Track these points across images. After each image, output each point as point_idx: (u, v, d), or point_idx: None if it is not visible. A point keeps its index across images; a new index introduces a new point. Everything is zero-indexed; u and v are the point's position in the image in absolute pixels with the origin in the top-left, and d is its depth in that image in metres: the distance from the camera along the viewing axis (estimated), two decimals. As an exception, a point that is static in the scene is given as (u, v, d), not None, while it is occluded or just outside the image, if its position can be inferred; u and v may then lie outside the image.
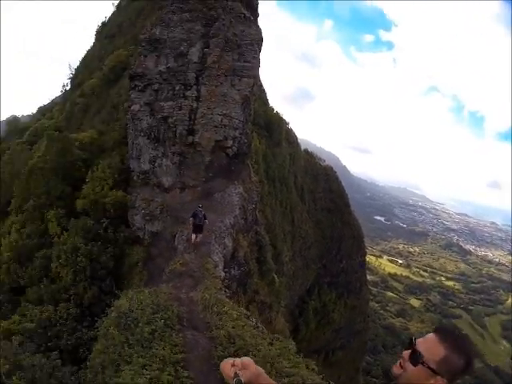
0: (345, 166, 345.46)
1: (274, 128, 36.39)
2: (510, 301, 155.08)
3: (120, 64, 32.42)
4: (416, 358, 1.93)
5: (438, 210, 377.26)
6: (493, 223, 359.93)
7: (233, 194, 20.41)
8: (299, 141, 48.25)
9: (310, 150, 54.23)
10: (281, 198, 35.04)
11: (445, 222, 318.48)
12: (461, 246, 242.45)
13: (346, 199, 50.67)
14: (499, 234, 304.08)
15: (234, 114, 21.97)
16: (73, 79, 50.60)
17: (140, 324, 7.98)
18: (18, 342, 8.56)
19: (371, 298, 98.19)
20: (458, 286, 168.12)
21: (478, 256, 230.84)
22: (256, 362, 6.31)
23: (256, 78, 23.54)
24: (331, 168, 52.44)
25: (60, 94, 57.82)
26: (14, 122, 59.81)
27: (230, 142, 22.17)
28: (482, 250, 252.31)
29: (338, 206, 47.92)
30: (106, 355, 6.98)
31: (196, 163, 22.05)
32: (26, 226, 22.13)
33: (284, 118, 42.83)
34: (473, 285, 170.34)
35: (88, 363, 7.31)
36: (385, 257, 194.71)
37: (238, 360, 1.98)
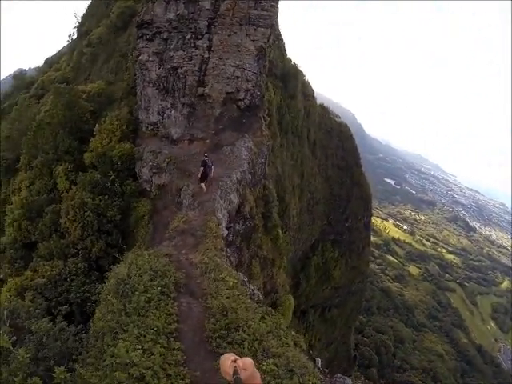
0: (360, 125, 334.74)
1: (290, 80, 34.90)
2: (504, 284, 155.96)
3: (128, 10, 30.47)
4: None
5: (449, 181, 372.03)
6: (502, 204, 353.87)
7: (242, 147, 20.00)
8: (316, 94, 46.41)
9: (326, 104, 52.28)
10: (292, 151, 34.31)
11: (455, 194, 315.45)
12: (466, 222, 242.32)
13: (358, 158, 49.55)
14: (506, 217, 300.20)
15: (248, 66, 21.00)
16: (79, 28, 47.52)
17: (137, 292, 8.21)
18: (30, 298, 9.16)
19: (372, 259, 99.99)
20: (457, 260, 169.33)
21: (481, 234, 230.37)
22: (245, 339, 6.47)
23: (273, 27, 21.98)
24: (346, 125, 50.71)
25: (66, 43, 54.20)
26: (20, 76, 56.94)
27: (241, 95, 21.50)
28: (487, 229, 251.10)
29: (349, 165, 47.04)
30: (106, 322, 7.36)
31: (206, 115, 21.53)
32: (35, 183, 22.14)
33: (301, 69, 40.77)
34: (471, 262, 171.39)
35: (91, 324, 7.76)
36: (390, 220, 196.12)
37: (239, 360, 2.05)
